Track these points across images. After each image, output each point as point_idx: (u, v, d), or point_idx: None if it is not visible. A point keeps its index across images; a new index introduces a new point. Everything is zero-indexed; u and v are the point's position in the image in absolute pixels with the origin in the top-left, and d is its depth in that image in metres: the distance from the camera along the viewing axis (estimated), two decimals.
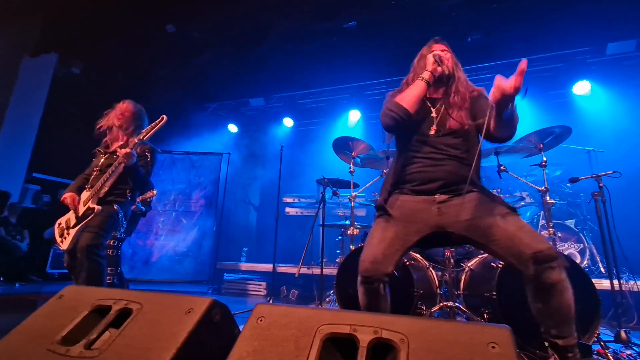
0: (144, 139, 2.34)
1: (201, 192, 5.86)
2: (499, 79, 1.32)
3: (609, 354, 1.97)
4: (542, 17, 4.49)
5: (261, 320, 1.02)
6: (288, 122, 6.69)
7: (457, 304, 2.42)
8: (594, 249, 3.75)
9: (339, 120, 6.51)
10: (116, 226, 2.39)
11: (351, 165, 3.48)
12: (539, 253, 1.32)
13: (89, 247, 2.16)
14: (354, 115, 6.25)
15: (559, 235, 3.72)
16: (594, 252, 3.73)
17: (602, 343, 2.00)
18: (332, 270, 3.85)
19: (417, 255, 2.70)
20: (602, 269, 3.59)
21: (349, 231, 3.41)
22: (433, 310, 2.42)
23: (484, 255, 2.61)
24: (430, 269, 2.65)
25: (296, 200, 6.17)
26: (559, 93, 5.32)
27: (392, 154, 3.28)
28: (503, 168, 2.82)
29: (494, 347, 0.83)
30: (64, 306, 1.25)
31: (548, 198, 2.84)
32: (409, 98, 1.62)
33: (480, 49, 4.88)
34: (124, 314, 1.14)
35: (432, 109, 1.71)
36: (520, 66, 1.27)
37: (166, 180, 5.82)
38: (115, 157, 2.36)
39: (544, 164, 2.90)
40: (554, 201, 2.98)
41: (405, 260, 2.53)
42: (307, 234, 3.41)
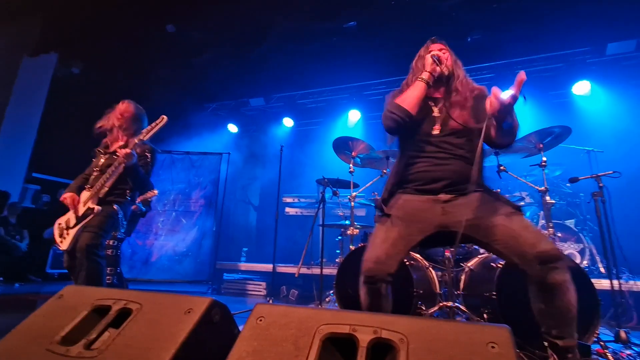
0: (144, 139, 2.34)
1: (201, 192, 5.86)
2: (495, 90, 1.34)
3: (608, 354, 1.97)
4: (542, 17, 4.49)
5: (261, 320, 1.02)
6: (288, 122, 6.69)
7: (456, 304, 2.41)
8: (593, 249, 3.75)
9: (338, 120, 6.50)
10: (116, 226, 2.39)
11: (351, 165, 3.48)
12: (543, 253, 1.32)
13: (88, 247, 2.16)
14: (353, 115, 6.25)
15: (559, 235, 3.71)
16: (593, 252, 3.73)
17: (601, 343, 2.01)
18: (332, 270, 3.85)
19: (417, 255, 2.69)
20: (602, 269, 3.59)
21: (348, 231, 3.42)
22: (433, 310, 2.41)
23: (484, 255, 2.61)
24: (430, 269, 2.65)
25: (296, 200, 6.17)
26: (559, 93, 5.32)
27: (392, 154, 3.28)
28: (503, 168, 2.82)
29: (493, 347, 0.83)
30: (63, 306, 1.25)
31: (548, 198, 2.85)
32: (409, 99, 1.62)
33: (480, 49, 4.88)
34: (124, 314, 1.14)
35: (435, 108, 1.70)
36: (518, 77, 1.30)
37: (166, 180, 5.82)
38: (116, 157, 2.35)
39: (543, 164, 2.90)
40: (553, 201, 2.98)
41: (405, 260, 2.52)
42: (307, 234, 3.41)
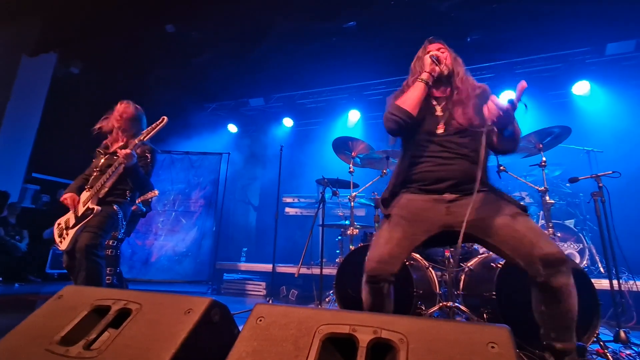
0: (145, 140, 2.34)
1: (200, 192, 5.86)
2: (494, 99, 1.35)
3: (608, 354, 1.97)
4: (542, 17, 4.49)
5: (260, 321, 1.02)
6: (288, 122, 6.68)
7: (456, 304, 2.41)
8: (593, 249, 3.75)
9: (338, 120, 6.50)
10: (115, 226, 2.39)
11: (351, 165, 3.49)
12: (548, 256, 1.30)
13: (87, 248, 2.16)
14: (353, 115, 6.24)
15: (559, 235, 3.73)
16: (593, 252, 3.74)
17: (601, 343, 2.00)
18: (332, 270, 3.85)
19: (417, 255, 2.69)
20: (602, 269, 3.59)
21: (348, 231, 3.42)
22: (432, 310, 2.41)
23: (484, 255, 2.61)
24: (430, 269, 2.65)
25: (296, 200, 6.17)
26: (559, 93, 5.32)
27: (391, 154, 3.28)
28: (502, 168, 2.82)
29: (493, 347, 0.83)
30: (63, 306, 1.25)
31: (547, 198, 2.85)
32: (410, 101, 1.61)
33: (480, 49, 4.88)
34: (123, 314, 1.14)
35: (438, 107, 1.69)
36: (519, 85, 1.31)
37: (165, 181, 5.81)
38: (116, 157, 2.36)
39: (543, 164, 2.91)
40: (553, 201, 2.98)
41: (405, 260, 2.52)
42: (306, 234, 3.41)
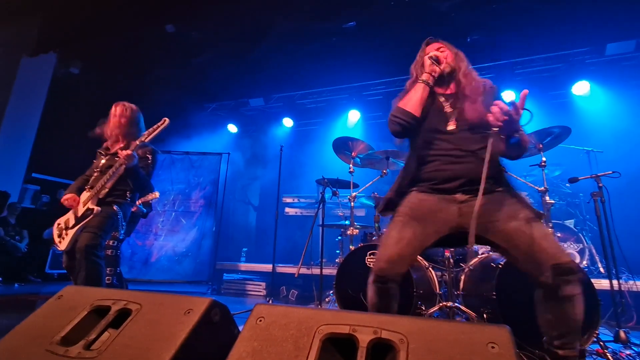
0: (146, 141, 2.34)
1: (200, 192, 5.86)
2: (499, 103, 1.36)
3: (608, 354, 1.97)
4: (541, 17, 4.49)
5: (260, 321, 1.02)
6: (288, 122, 6.68)
7: (456, 304, 2.41)
8: (593, 249, 3.75)
9: (338, 121, 6.50)
10: (115, 227, 2.39)
11: (351, 165, 3.49)
12: (562, 265, 1.29)
13: (87, 248, 2.16)
14: (353, 116, 6.25)
15: (559, 235, 3.73)
16: (593, 252, 3.74)
17: (601, 343, 2.01)
18: (332, 271, 3.84)
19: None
20: (602, 269, 3.59)
21: (348, 231, 3.42)
22: (432, 311, 2.41)
23: (484, 256, 2.61)
24: (430, 269, 2.65)
25: (296, 200, 6.17)
26: (559, 93, 5.32)
27: (391, 154, 3.28)
28: (502, 168, 2.81)
29: (493, 347, 0.83)
30: (63, 306, 1.25)
31: (547, 198, 2.85)
32: (411, 102, 1.60)
33: (480, 49, 4.88)
34: (123, 315, 1.14)
35: (446, 104, 1.66)
36: (522, 94, 1.34)
37: (165, 181, 5.81)
38: (117, 158, 2.36)
39: (543, 164, 2.91)
40: (553, 201, 2.98)
41: None
42: (306, 234, 3.41)
